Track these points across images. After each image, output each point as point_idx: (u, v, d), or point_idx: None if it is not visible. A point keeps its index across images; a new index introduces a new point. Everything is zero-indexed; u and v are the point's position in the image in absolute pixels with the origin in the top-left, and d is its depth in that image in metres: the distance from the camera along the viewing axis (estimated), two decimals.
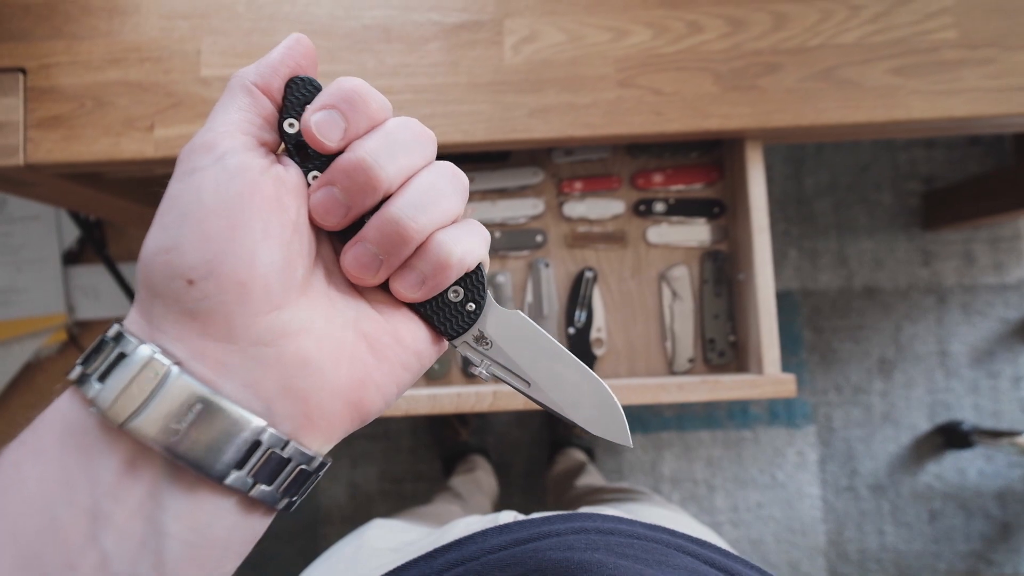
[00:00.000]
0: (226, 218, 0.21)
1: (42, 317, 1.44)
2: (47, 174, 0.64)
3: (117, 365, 0.21)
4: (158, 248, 0.21)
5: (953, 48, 0.61)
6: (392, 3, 0.63)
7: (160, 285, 0.21)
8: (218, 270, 0.21)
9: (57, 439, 0.21)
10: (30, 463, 0.20)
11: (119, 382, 0.20)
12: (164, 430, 0.20)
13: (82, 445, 0.20)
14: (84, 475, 0.20)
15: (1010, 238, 1.42)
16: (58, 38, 0.62)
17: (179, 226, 0.21)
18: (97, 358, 0.21)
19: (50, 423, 0.21)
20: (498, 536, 0.37)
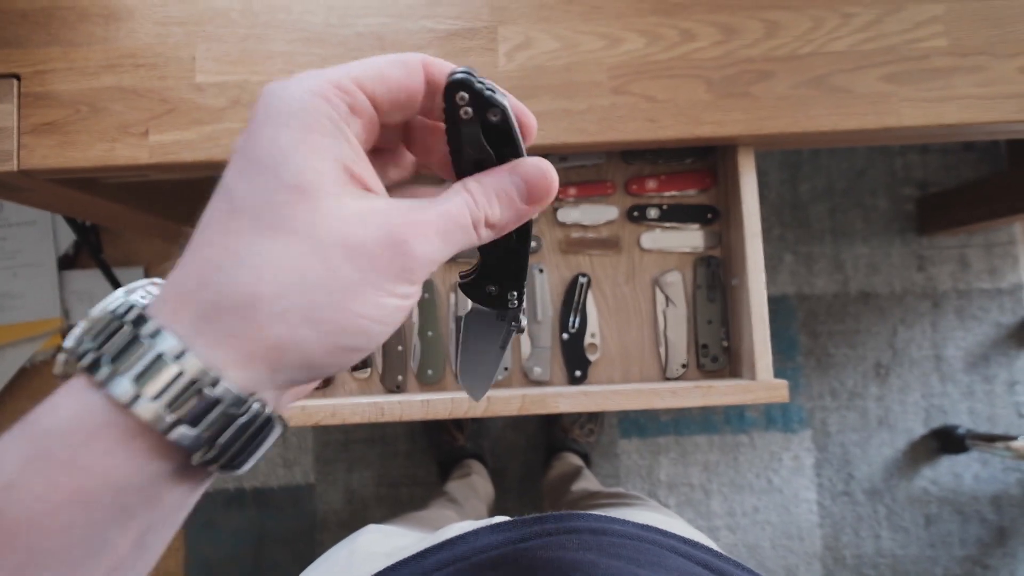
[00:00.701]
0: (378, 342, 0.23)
1: (38, 322, 1.43)
2: (41, 180, 0.64)
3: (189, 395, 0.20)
4: (352, 346, 0.22)
5: (944, 56, 0.62)
6: (386, 11, 0.63)
7: (324, 365, 0.21)
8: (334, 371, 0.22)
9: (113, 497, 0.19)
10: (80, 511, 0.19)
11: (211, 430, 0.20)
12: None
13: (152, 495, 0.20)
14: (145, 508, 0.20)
15: (1005, 243, 1.43)
16: (53, 44, 0.62)
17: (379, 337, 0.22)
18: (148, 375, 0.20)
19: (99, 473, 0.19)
20: (490, 536, 0.37)
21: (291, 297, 0.20)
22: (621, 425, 1.41)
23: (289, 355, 0.20)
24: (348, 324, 0.21)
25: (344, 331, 0.21)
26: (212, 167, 0.64)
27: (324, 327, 0.21)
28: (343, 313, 0.21)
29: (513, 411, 0.62)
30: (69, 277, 1.46)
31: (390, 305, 0.22)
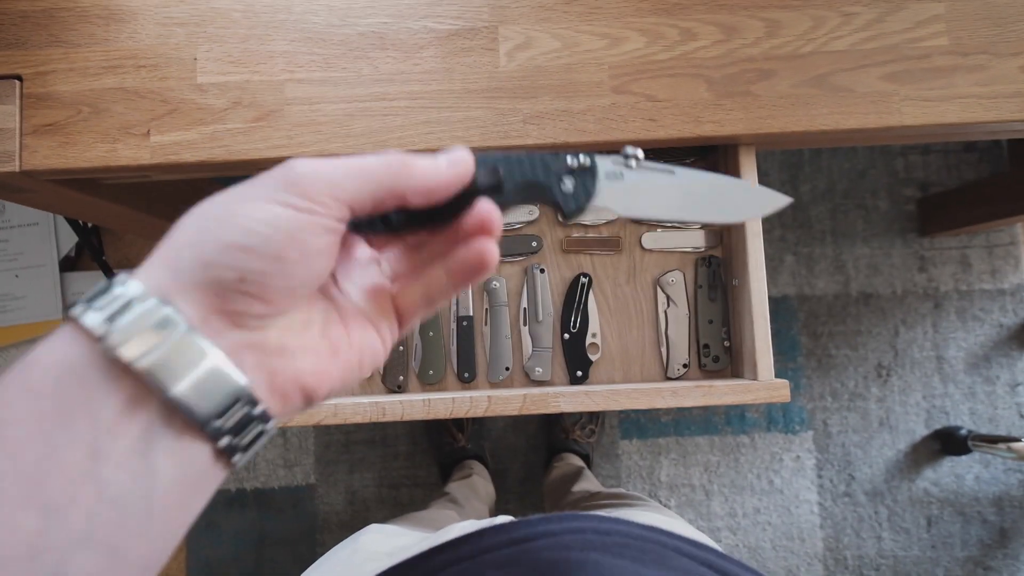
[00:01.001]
0: (297, 251, 0.25)
1: (39, 323, 1.43)
2: (43, 181, 0.64)
3: (127, 308, 0.22)
4: (240, 243, 0.24)
5: (945, 55, 0.62)
6: (387, 11, 0.63)
7: (216, 263, 0.23)
8: (267, 284, 0.24)
9: (53, 379, 0.21)
10: (24, 400, 0.21)
11: (130, 324, 0.22)
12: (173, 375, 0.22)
13: (83, 383, 0.21)
14: (84, 412, 0.21)
15: (1006, 244, 1.43)
16: (55, 45, 0.62)
17: (265, 240, 0.24)
18: (103, 299, 0.23)
19: (45, 364, 0.22)
20: (494, 536, 0.37)
21: (197, 218, 0.25)
22: (622, 426, 1.41)
23: (183, 252, 0.24)
24: (231, 223, 0.24)
25: (229, 228, 0.24)
26: (214, 168, 0.64)
27: (213, 227, 0.24)
28: (229, 215, 0.24)
29: (514, 411, 0.62)
30: (71, 279, 1.46)
31: (274, 211, 0.24)
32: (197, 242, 0.24)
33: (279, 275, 0.24)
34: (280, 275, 0.24)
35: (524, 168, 0.28)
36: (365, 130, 0.62)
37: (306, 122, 0.62)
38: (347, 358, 0.28)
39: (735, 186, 0.32)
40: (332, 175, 0.26)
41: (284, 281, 0.24)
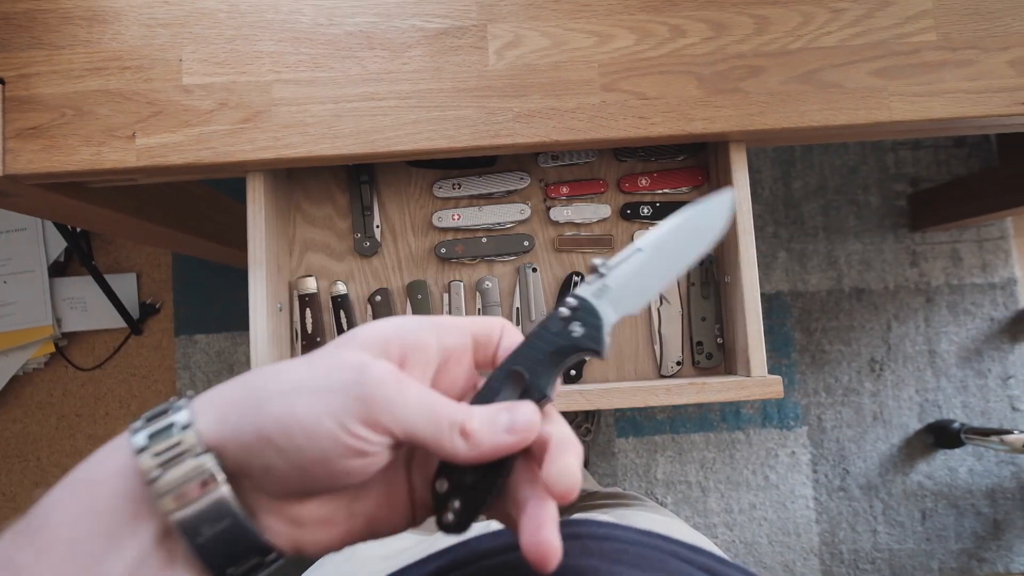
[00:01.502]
0: (325, 474, 0.25)
1: (29, 330, 1.42)
2: (28, 185, 0.63)
3: (179, 458, 0.24)
4: (273, 440, 0.24)
5: (933, 50, 0.62)
6: (375, 10, 0.63)
7: (248, 446, 0.24)
8: (285, 482, 0.25)
9: (112, 503, 0.24)
10: (86, 519, 0.24)
11: (177, 477, 0.24)
12: (195, 530, 0.24)
13: (133, 513, 0.24)
14: (132, 538, 0.24)
15: (996, 238, 1.43)
16: (37, 47, 0.61)
17: (299, 449, 0.24)
18: (163, 439, 0.25)
19: (106, 482, 0.24)
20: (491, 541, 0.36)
21: (261, 379, 0.26)
22: (618, 424, 1.41)
23: (232, 410, 0.25)
24: (279, 411, 0.24)
25: (273, 416, 0.24)
26: (201, 170, 0.63)
27: (262, 404, 0.25)
28: (284, 400, 0.25)
29: None
30: (60, 284, 1.45)
31: (323, 428, 0.24)
32: (244, 410, 0.25)
33: (301, 482, 0.25)
34: (301, 482, 0.25)
35: (539, 350, 0.28)
36: (354, 130, 0.62)
37: (294, 123, 0.62)
38: (360, 529, 0.28)
39: (690, 216, 0.32)
40: (403, 407, 0.25)
41: (305, 487, 0.25)
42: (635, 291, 0.31)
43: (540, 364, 0.28)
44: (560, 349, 0.29)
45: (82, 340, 1.47)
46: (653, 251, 0.31)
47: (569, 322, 0.29)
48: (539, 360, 0.28)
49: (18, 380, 1.45)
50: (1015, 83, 0.61)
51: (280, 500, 0.26)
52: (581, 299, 0.30)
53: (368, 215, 0.73)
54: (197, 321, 1.45)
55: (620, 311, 0.30)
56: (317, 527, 0.27)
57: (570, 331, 0.29)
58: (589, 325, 0.29)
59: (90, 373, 1.46)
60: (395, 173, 0.75)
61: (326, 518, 0.27)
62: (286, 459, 0.24)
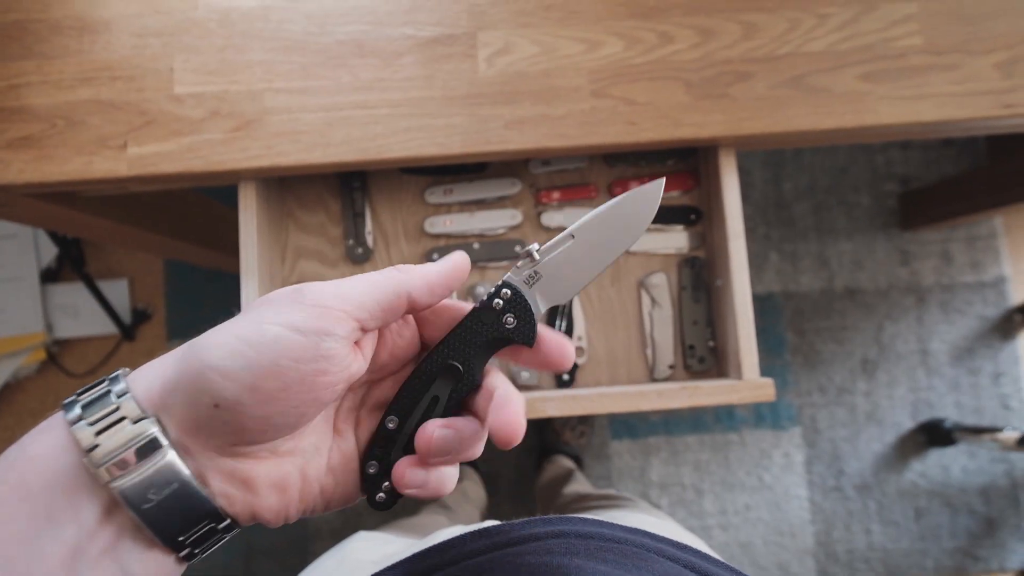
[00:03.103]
0: (282, 387, 0.24)
1: (20, 336, 1.41)
2: (19, 195, 0.63)
3: (117, 426, 0.23)
4: (216, 364, 0.23)
5: (919, 54, 0.62)
6: (365, 18, 0.63)
7: (191, 385, 0.24)
8: (241, 415, 0.24)
9: (44, 481, 0.23)
10: (17, 499, 0.22)
11: (115, 444, 0.23)
12: (141, 497, 0.23)
13: (70, 488, 0.23)
14: (71, 516, 0.23)
15: (986, 237, 1.45)
16: (28, 58, 0.61)
17: (245, 363, 0.23)
18: (98, 407, 0.24)
19: (38, 464, 0.23)
20: (477, 541, 0.37)
21: (209, 332, 0.25)
22: (612, 427, 1.41)
23: (175, 366, 0.24)
24: (219, 341, 0.24)
25: (214, 348, 0.24)
26: (192, 178, 0.63)
27: (205, 343, 0.24)
28: (224, 331, 0.24)
29: None
30: (52, 291, 1.44)
31: (271, 331, 0.24)
32: (183, 359, 0.24)
33: (253, 406, 0.24)
34: (254, 406, 0.24)
35: (472, 342, 0.29)
36: (345, 138, 0.62)
37: (286, 131, 0.62)
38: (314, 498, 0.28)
39: (620, 204, 0.32)
40: (339, 287, 0.26)
41: (260, 411, 0.24)
42: (566, 281, 0.31)
43: (474, 356, 0.29)
44: (493, 341, 0.29)
45: (74, 346, 1.47)
46: (585, 239, 0.31)
47: (503, 314, 0.29)
48: (473, 352, 0.29)
49: (10, 387, 1.44)
50: (1000, 85, 0.62)
51: (231, 456, 0.25)
52: (515, 290, 0.30)
53: (360, 221, 0.73)
54: (189, 327, 1.44)
55: (550, 300, 0.31)
56: (271, 491, 0.26)
57: (504, 323, 0.29)
58: (521, 318, 0.30)
59: (82, 380, 1.45)
60: (387, 179, 0.75)
61: (279, 481, 0.26)
62: (234, 382, 0.23)
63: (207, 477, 0.25)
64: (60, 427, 0.24)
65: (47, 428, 0.24)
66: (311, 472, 0.28)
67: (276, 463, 0.26)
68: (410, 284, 0.27)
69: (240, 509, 0.25)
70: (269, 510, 0.26)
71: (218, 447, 0.25)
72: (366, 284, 0.26)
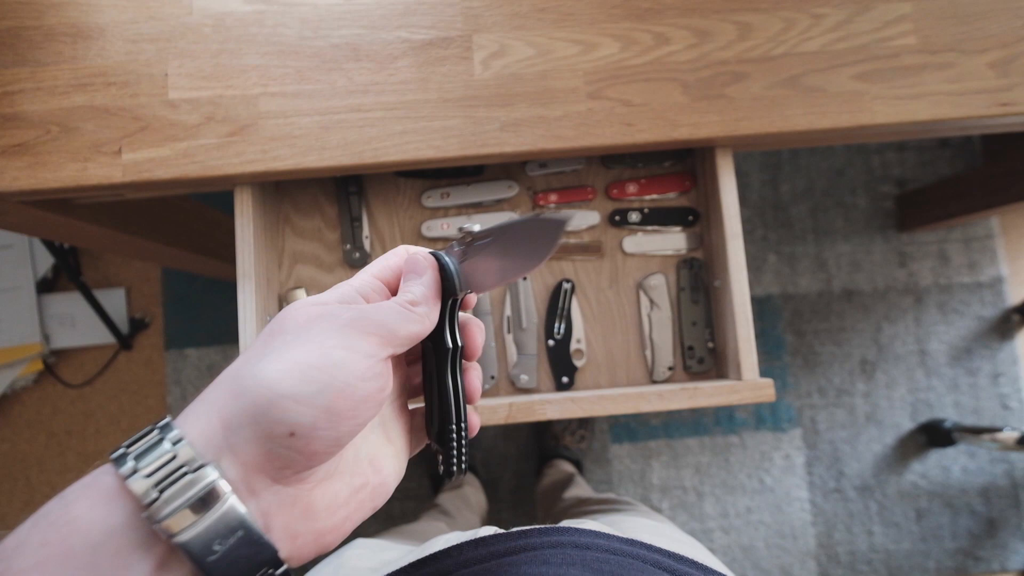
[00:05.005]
0: (353, 405, 0.25)
1: (17, 347, 1.41)
2: (14, 202, 0.63)
3: (176, 475, 0.23)
4: (289, 395, 0.24)
5: (914, 53, 0.62)
6: (360, 22, 0.63)
7: (262, 418, 0.23)
8: (315, 439, 0.24)
9: (90, 545, 0.21)
10: (61, 568, 0.21)
11: (178, 496, 0.22)
12: (206, 549, 0.22)
13: (119, 550, 0.22)
14: (120, 572, 0.22)
15: (983, 237, 1.45)
16: (21, 65, 0.61)
17: (318, 389, 0.24)
18: (152, 458, 0.23)
19: (83, 527, 0.22)
20: (474, 550, 0.36)
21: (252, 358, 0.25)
22: (612, 430, 1.41)
23: (235, 402, 0.24)
24: (296, 373, 0.25)
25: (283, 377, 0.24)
26: (187, 184, 0.63)
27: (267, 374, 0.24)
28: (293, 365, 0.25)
29: (500, 420, 0.61)
30: (49, 301, 1.44)
31: (338, 355, 0.25)
32: (254, 388, 0.24)
33: (328, 428, 0.24)
34: (329, 427, 0.24)
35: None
36: (341, 142, 0.62)
37: (281, 135, 0.62)
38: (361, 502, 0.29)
39: (528, 222, 0.32)
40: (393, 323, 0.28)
41: (332, 433, 0.25)
42: (479, 277, 0.32)
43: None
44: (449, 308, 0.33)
45: (71, 357, 1.46)
46: (500, 246, 0.32)
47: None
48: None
49: (6, 398, 1.43)
50: (995, 84, 0.62)
51: (295, 484, 0.25)
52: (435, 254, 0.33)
53: (357, 226, 0.73)
54: (187, 335, 1.44)
55: (469, 285, 0.32)
56: (330, 513, 0.27)
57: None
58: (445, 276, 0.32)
59: (80, 390, 1.44)
60: (383, 183, 0.75)
61: (335, 499, 0.27)
62: (310, 406, 0.24)
63: (271, 515, 0.25)
64: (109, 481, 0.22)
65: (92, 483, 0.23)
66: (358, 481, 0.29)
67: (329, 483, 0.27)
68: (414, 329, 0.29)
69: (303, 543, 0.26)
70: (331, 532, 0.27)
71: (286, 479, 0.25)
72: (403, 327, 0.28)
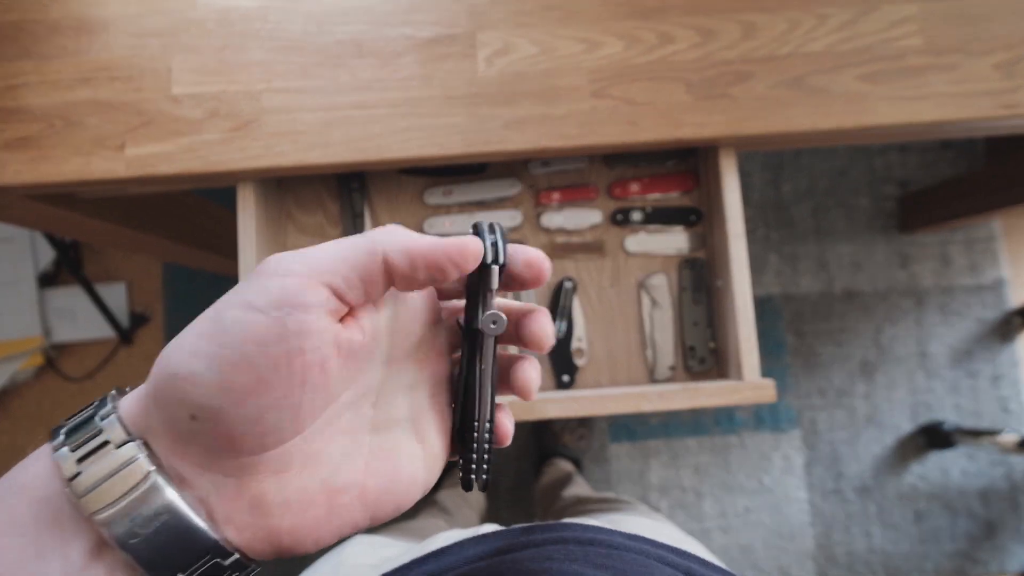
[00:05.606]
0: (257, 379, 0.21)
1: (17, 341, 1.41)
2: (17, 196, 0.63)
3: (100, 451, 0.21)
4: (179, 371, 0.21)
5: (918, 54, 0.62)
6: (364, 18, 0.63)
7: (164, 400, 0.21)
8: (223, 421, 0.21)
9: (33, 514, 0.21)
10: (6, 532, 0.21)
11: (99, 471, 0.21)
12: (129, 532, 0.21)
13: (57, 521, 0.21)
14: (58, 552, 0.21)
15: (985, 239, 1.45)
16: (25, 58, 0.61)
17: (209, 362, 0.21)
18: (82, 433, 0.22)
19: (28, 489, 0.22)
20: (476, 546, 0.36)
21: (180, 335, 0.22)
22: (611, 429, 1.41)
23: (152, 381, 0.22)
24: (180, 343, 0.21)
25: (176, 352, 0.21)
26: (191, 179, 0.63)
27: (169, 351, 0.21)
28: (185, 332, 0.22)
29: None
30: (50, 295, 1.44)
31: (228, 316, 0.21)
32: (157, 366, 0.22)
33: (231, 408, 0.21)
34: (232, 407, 0.21)
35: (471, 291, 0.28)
36: (344, 138, 0.62)
37: (284, 131, 0.61)
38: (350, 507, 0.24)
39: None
40: (305, 252, 0.22)
41: (239, 413, 0.21)
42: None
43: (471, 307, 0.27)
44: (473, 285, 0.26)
45: (72, 351, 1.46)
46: None
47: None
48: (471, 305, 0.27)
49: (7, 392, 1.44)
50: (1000, 86, 0.62)
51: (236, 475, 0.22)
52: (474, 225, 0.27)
53: (359, 223, 0.73)
54: None
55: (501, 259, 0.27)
56: (288, 510, 0.23)
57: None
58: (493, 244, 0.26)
59: (80, 384, 1.44)
60: (386, 180, 0.75)
61: (297, 497, 0.23)
62: (203, 386, 0.20)
63: (212, 504, 0.22)
64: (46, 454, 0.22)
65: (38, 456, 0.22)
66: (341, 479, 0.24)
67: (289, 477, 0.23)
68: (386, 244, 0.22)
69: (252, 536, 0.22)
70: (292, 532, 0.23)
71: (220, 467, 0.22)
72: (335, 245, 0.22)
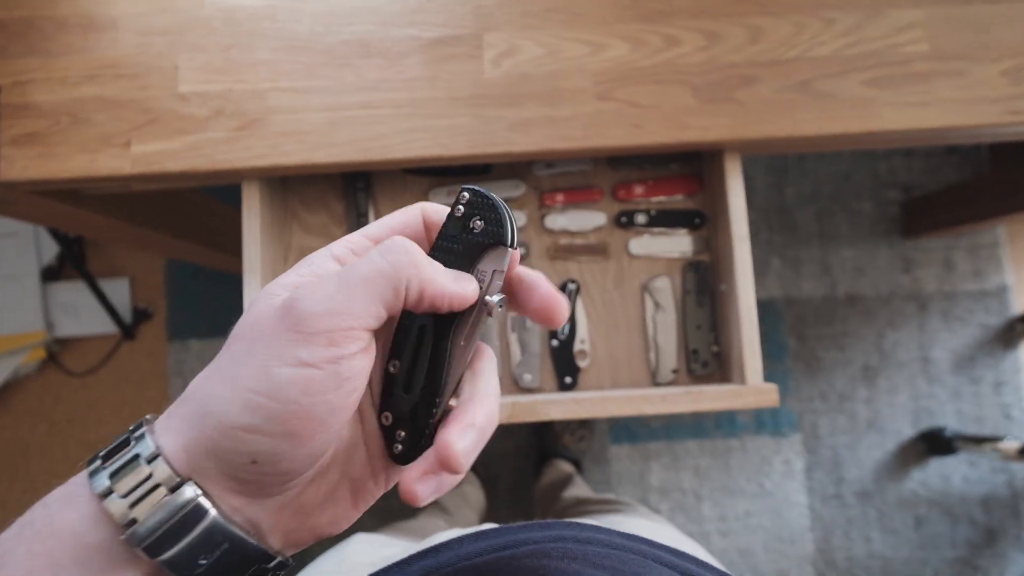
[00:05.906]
0: (318, 422, 0.22)
1: (20, 335, 1.41)
2: (23, 191, 0.63)
3: (152, 494, 0.22)
4: (239, 423, 0.22)
5: (924, 60, 0.62)
6: (371, 19, 0.63)
7: (222, 449, 0.22)
8: (282, 461, 0.22)
9: (74, 559, 0.21)
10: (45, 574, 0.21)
11: (157, 518, 0.21)
12: (192, 564, 0.22)
13: (106, 564, 0.21)
14: None
15: (989, 245, 1.44)
16: (33, 55, 0.61)
17: (268, 414, 0.22)
18: (127, 476, 0.22)
19: (64, 538, 0.21)
20: (474, 543, 0.36)
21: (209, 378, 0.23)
22: (612, 431, 1.41)
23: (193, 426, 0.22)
24: (233, 397, 0.22)
25: (231, 405, 0.22)
26: (196, 177, 0.63)
27: (218, 401, 0.22)
28: (232, 382, 0.22)
29: (503, 419, 0.61)
30: (53, 289, 1.44)
31: (282, 376, 0.22)
32: (203, 416, 0.22)
33: (293, 450, 0.22)
34: (293, 450, 0.22)
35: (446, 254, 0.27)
36: (349, 138, 0.62)
37: (290, 131, 0.62)
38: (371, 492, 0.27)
39: None
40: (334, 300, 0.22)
41: (301, 452, 0.23)
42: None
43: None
44: (466, 251, 0.26)
45: (74, 346, 1.46)
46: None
47: (468, 219, 0.26)
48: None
49: (9, 386, 1.44)
50: (1006, 92, 0.62)
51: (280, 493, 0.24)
52: (474, 191, 0.26)
53: (364, 222, 0.73)
54: (190, 326, 1.44)
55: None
56: (326, 508, 0.25)
57: (471, 228, 0.26)
58: (488, 218, 0.26)
59: (82, 379, 1.45)
60: (391, 180, 0.75)
61: (329, 494, 0.25)
62: (266, 435, 0.22)
63: (259, 521, 0.24)
64: (86, 497, 0.22)
65: (74, 495, 0.22)
66: (356, 468, 0.26)
67: (320, 480, 0.25)
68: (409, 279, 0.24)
69: (297, 538, 0.25)
70: (329, 524, 0.26)
71: (270, 492, 0.24)
72: (362, 280, 0.23)
